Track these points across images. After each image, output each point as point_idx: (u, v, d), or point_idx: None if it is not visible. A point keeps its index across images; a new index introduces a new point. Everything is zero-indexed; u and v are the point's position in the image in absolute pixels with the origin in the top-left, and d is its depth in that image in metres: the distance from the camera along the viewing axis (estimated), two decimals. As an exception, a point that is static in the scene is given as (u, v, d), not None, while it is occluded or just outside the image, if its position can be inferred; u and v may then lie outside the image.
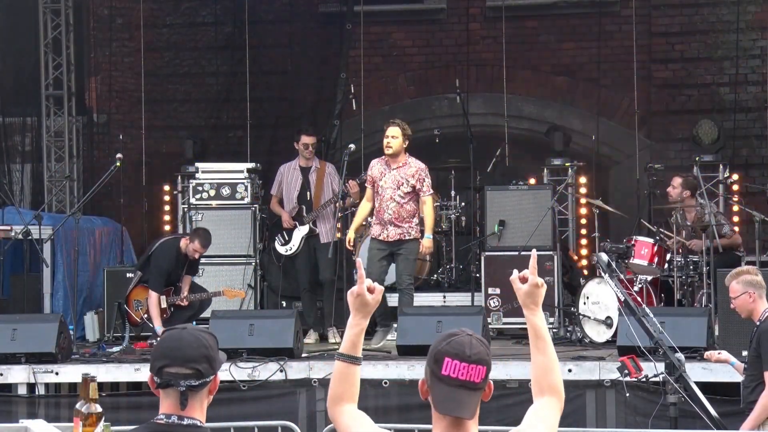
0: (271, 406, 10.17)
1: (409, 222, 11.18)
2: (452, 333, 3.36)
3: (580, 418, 9.98)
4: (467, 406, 3.29)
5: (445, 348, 3.31)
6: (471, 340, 3.34)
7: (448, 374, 3.29)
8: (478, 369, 3.31)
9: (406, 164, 11.18)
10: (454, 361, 3.29)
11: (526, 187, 12.93)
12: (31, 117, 16.02)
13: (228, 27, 16.43)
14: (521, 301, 3.68)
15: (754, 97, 15.37)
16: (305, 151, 12.34)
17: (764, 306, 7.50)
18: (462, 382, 3.29)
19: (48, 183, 15.72)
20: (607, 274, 8.29)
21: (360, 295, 3.66)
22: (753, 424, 7.36)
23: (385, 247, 11.12)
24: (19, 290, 12.73)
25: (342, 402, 3.64)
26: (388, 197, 11.09)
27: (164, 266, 11.84)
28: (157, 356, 3.47)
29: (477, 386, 3.31)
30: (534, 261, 3.70)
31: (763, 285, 7.53)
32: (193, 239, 11.78)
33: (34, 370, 10.57)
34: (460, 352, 3.30)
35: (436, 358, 3.31)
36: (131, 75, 16.62)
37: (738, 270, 7.74)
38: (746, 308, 7.57)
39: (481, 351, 3.33)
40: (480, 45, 16.11)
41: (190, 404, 3.45)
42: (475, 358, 3.31)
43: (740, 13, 15.17)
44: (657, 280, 12.03)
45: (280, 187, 12.45)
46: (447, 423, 3.32)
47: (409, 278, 11.29)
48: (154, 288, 11.81)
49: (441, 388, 3.30)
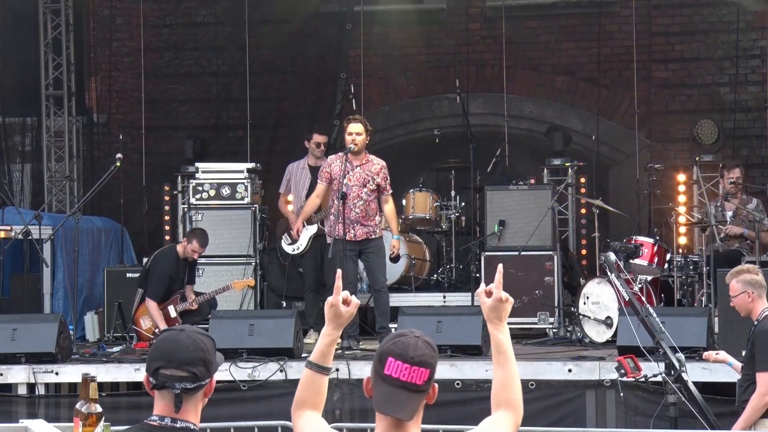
0: (271, 406, 10.16)
1: (374, 220, 11.15)
2: (400, 333, 3.35)
3: (580, 418, 9.99)
4: (406, 408, 3.27)
5: (389, 348, 3.30)
6: (417, 341, 3.31)
7: (390, 374, 3.27)
8: (421, 371, 3.28)
9: (369, 161, 11.13)
10: (396, 362, 3.27)
11: (526, 187, 12.92)
12: (31, 117, 16.02)
13: (228, 27, 16.42)
14: (485, 315, 3.64)
15: (754, 97, 15.36)
16: (317, 150, 12.29)
17: (763, 306, 7.50)
18: (403, 383, 3.26)
19: (48, 183, 15.73)
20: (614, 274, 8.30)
21: (334, 305, 3.67)
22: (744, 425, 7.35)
23: (353, 247, 11.04)
24: (19, 290, 12.73)
25: (304, 408, 3.67)
26: (355, 195, 11.00)
27: (165, 271, 11.79)
28: (154, 357, 3.45)
29: (419, 388, 3.28)
30: (500, 276, 3.69)
31: (762, 284, 7.52)
32: (190, 240, 11.77)
33: (34, 370, 10.56)
34: (404, 353, 3.28)
35: (380, 357, 3.30)
36: (131, 75, 16.61)
37: (738, 269, 7.73)
38: (745, 307, 7.57)
39: (425, 353, 3.30)
40: (480, 45, 16.10)
41: (184, 407, 3.43)
42: (418, 359, 3.28)
43: (740, 13, 15.17)
44: (657, 280, 12.03)
45: (288, 185, 12.42)
46: (387, 423, 3.31)
47: (384, 278, 11.25)
48: (152, 296, 11.75)
49: (383, 387, 3.28)
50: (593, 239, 13.13)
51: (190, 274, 11.99)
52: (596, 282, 11.71)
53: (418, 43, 16.51)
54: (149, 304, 11.72)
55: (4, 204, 13.85)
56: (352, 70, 15.63)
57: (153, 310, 11.70)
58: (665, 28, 15.58)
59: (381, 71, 16.48)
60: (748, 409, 7.34)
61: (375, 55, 16.37)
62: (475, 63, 15.95)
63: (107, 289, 12.84)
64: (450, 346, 10.60)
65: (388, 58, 16.49)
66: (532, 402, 10.15)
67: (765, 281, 7.56)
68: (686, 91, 15.50)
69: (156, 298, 11.75)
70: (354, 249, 11.06)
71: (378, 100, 16.41)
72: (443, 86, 15.93)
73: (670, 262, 11.83)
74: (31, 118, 16.02)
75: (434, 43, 16.43)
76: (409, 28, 16.48)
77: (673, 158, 14.96)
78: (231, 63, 16.38)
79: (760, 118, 15.27)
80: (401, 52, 16.51)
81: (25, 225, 12.04)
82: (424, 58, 16.51)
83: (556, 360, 10.43)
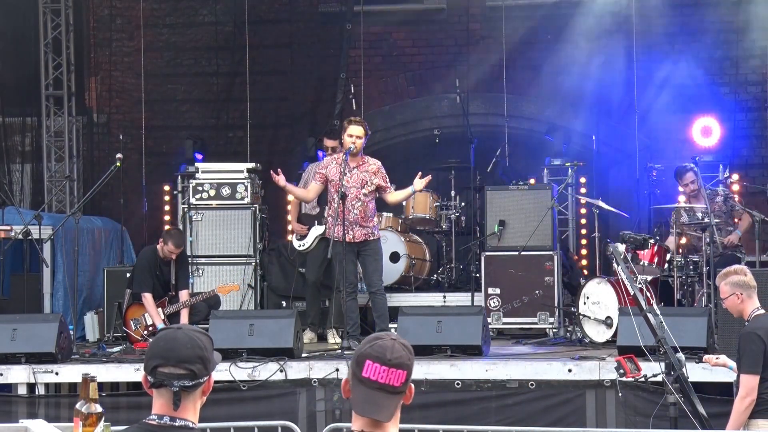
0: (271, 406, 10.16)
1: (372, 221, 11.18)
2: (377, 336, 3.41)
3: (580, 418, 9.98)
4: (385, 409, 3.33)
5: (367, 351, 3.35)
6: (394, 344, 3.36)
7: (368, 377, 3.32)
8: (398, 373, 3.33)
9: (365, 162, 11.16)
10: (374, 364, 3.32)
11: (526, 187, 12.92)
12: (31, 117, 16.04)
13: (228, 27, 16.43)
14: None
15: (754, 97, 15.37)
16: None
17: (753, 306, 7.47)
18: (381, 385, 3.31)
19: (48, 183, 15.74)
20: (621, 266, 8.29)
21: None
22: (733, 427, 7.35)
23: (352, 248, 11.07)
24: (19, 290, 12.73)
25: None
26: (353, 196, 11.03)
27: (144, 265, 11.84)
28: (151, 355, 3.45)
29: (396, 390, 3.33)
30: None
31: (750, 285, 7.49)
32: (166, 241, 11.76)
33: (34, 370, 10.56)
34: (381, 355, 3.33)
35: (358, 360, 3.35)
36: (131, 75, 16.62)
37: (726, 271, 7.71)
38: (736, 309, 7.56)
39: (402, 356, 3.35)
40: (480, 45, 16.11)
41: (183, 405, 3.43)
42: (396, 362, 3.33)
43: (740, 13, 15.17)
44: (657, 280, 12.03)
45: (305, 185, 12.42)
46: (365, 422, 3.35)
47: (380, 280, 11.26)
48: (139, 288, 11.77)
49: (361, 389, 3.33)
50: (593, 239, 13.13)
51: (178, 278, 11.95)
52: (596, 282, 11.71)
53: (418, 43, 16.51)
54: (143, 298, 11.73)
55: (4, 204, 13.86)
56: (352, 70, 15.64)
57: (148, 305, 11.70)
58: (665, 28, 15.58)
59: (381, 71, 16.49)
60: (732, 412, 7.36)
61: (375, 55, 16.38)
62: (475, 63, 15.95)
63: (107, 289, 12.85)
64: (450, 346, 10.60)
65: (388, 58, 16.50)
66: (532, 402, 10.15)
67: (754, 281, 7.53)
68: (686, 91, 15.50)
69: (145, 289, 11.75)
70: (353, 250, 11.08)
71: (378, 100, 16.41)
72: (443, 86, 15.94)
73: (670, 262, 11.83)
74: (31, 118, 16.04)
75: (434, 43, 16.43)
76: (409, 28, 16.49)
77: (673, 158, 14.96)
78: (231, 63, 16.39)
79: (760, 118, 15.27)
80: (401, 52, 16.52)
81: (25, 225, 12.04)
82: (424, 58, 16.51)
83: (556, 360, 10.43)
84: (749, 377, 7.30)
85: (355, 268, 11.21)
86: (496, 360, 10.45)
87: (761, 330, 7.33)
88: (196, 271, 12.65)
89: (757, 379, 7.28)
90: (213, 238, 12.77)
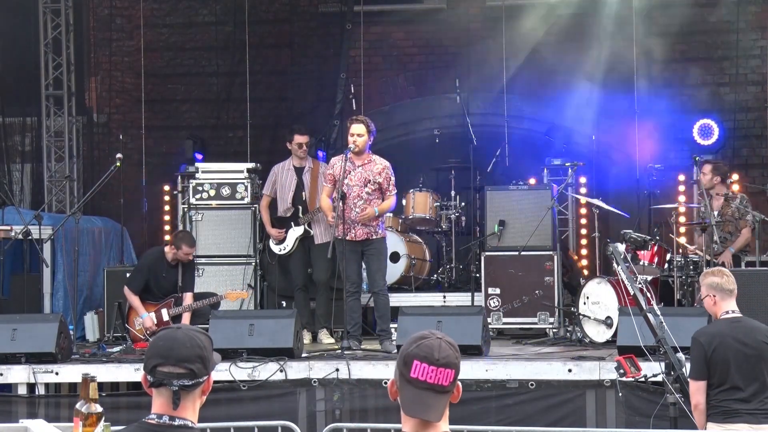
0: (271, 406, 10.16)
1: (376, 220, 11.14)
2: (422, 336, 3.38)
3: (580, 418, 9.98)
4: (435, 409, 3.31)
5: (414, 351, 3.33)
6: (440, 343, 3.35)
7: (417, 377, 3.30)
8: (447, 372, 3.32)
9: (371, 161, 11.13)
10: (422, 364, 3.31)
11: (526, 187, 12.92)
12: (31, 117, 16.05)
13: (228, 27, 16.43)
14: None
15: (754, 97, 15.37)
16: (299, 150, 12.34)
17: (723, 310, 7.37)
18: (430, 385, 3.30)
19: (48, 183, 15.74)
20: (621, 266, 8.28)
21: None
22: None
23: (354, 247, 11.04)
24: (19, 290, 12.73)
25: None
26: (356, 195, 11.02)
27: (144, 264, 11.85)
28: (151, 355, 3.46)
29: (445, 389, 3.32)
30: None
31: (726, 288, 7.34)
32: (179, 246, 11.66)
33: (34, 370, 10.56)
34: (429, 355, 3.31)
35: (405, 360, 3.33)
36: (131, 75, 16.63)
37: (706, 271, 7.69)
38: (710, 310, 7.51)
39: (449, 354, 3.35)
40: (480, 45, 16.10)
41: (182, 404, 3.43)
42: (444, 361, 3.32)
43: (740, 13, 15.17)
44: (657, 280, 12.03)
45: (273, 187, 12.44)
46: (415, 423, 3.34)
47: (383, 281, 11.23)
48: (128, 284, 11.77)
49: (409, 390, 3.31)
50: (593, 239, 13.13)
51: (184, 280, 11.94)
52: (596, 282, 11.71)
53: (418, 43, 16.51)
54: (125, 292, 11.72)
55: (4, 204, 13.85)
56: (352, 70, 15.64)
57: (130, 299, 11.70)
58: (665, 28, 15.58)
59: (381, 71, 16.49)
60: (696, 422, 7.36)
61: (375, 55, 16.39)
62: (475, 63, 15.95)
63: (107, 289, 12.84)
64: (450, 346, 10.57)
65: (388, 58, 16.50)
66: (532, 402, 10.15)
67: (732, 285, 7.37)
68: (686, 91, 15.51)
69: (132, 288, 11.74)
70: (356, 249, 11.06)
71: (378, 100, 16.41)
72: (443, 86, 15.93)
73: (670, 262, 11.83)
74: (31, 118, 16.04)
75: (434, 43, 16.43)
76: (409, 28, 16.49)
77: (673, 158, 14.97)
78: (231, 63, 16.39)
79: (760, 118, 15.27)
80: (401, 52, 16.52)
81: (25, 225, 12.04)
82: (424, 58, 16.51)
83: (556, 360, 10.43)
84: (690, 382, 7.35)
85: (359, 267, 11.18)
86: (496, 360, 10.45)
87: (704, 336, 7.30)
88: (196, 271, 12.64)
89: (697, 384, 7.27)
90: (213, 238, 12.77)
